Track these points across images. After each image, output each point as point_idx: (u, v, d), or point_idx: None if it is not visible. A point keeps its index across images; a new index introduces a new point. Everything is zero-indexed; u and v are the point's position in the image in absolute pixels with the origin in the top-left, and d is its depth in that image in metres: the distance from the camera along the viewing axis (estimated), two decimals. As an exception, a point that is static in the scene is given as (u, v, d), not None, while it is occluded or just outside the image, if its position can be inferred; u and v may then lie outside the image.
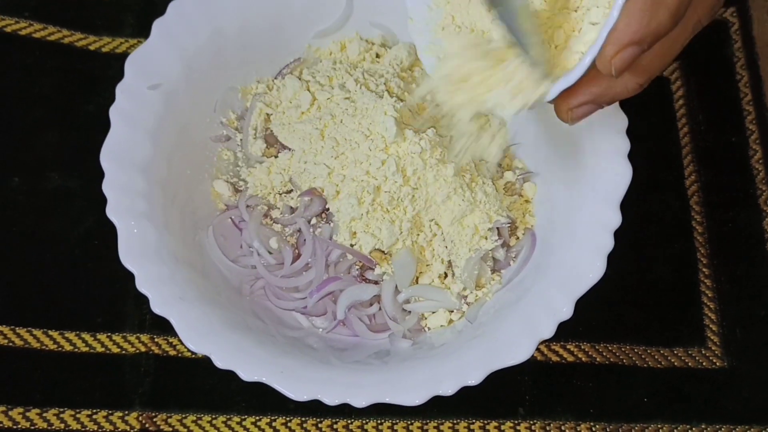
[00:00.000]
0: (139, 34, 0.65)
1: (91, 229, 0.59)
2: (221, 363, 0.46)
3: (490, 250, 0.54)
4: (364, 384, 0.46)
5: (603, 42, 0.38)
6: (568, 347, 0.58)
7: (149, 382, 0.55)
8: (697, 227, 0.62)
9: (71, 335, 0.56)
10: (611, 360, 0.58)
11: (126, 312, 0.57)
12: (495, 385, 0.47)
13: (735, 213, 0.62)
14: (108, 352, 0.56)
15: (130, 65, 0.52)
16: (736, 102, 0.66)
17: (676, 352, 0.58)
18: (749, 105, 0.66)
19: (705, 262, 0.61)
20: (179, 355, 0.56)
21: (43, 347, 0.56)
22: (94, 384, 0.55)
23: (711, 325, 0.59)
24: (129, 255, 0.48)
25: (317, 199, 0.54)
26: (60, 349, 0.56)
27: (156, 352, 0.56)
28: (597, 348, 0.58)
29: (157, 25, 0.54)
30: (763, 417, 0.56)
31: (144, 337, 0.56)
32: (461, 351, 0.48)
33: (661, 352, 0.58)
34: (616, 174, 0.51)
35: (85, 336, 0.56)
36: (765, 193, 0.63)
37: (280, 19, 0.58)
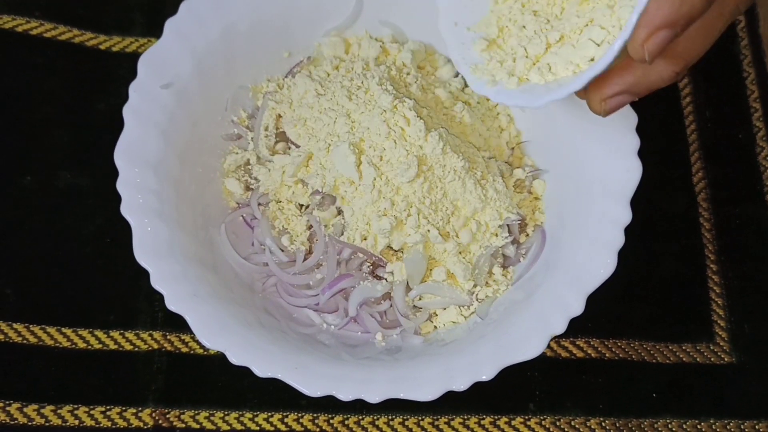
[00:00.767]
0: (149, 33, 0.65)
1: (103, 227, 0.59)
2: (236, 359, 0.47)
3: (500, 246, 0.55)
4: (377, 380, 0.47)
5: (633, 26, 0.37)
6: (577, 343, 0.58)
7: (162, 378, 0.56)
8: (705, 223, 0.62)
9: (84, 332, 0.57)
10: (620, 356, 0.58)
11: (138, 309, 0.57)
12: (505, 381, 0.48)
13: (742, 209, 0.63)
14: (121, 349, 0.56)
15: (142, 64, 0.53)
16: (742, 99, 0.66)
17: (684, 347, 0.59)
18: (756, 102, 0.66)
19: (712, 258, 0.61)
20: (191, 352, 0.57)
21: (57, 344, 0.56)
22: (107, 381, 0.56)
23: (719, 321, 0.59)
24: (143, 252, 0.49)
25: (329, 197, 0.54)
26: (73, 347, 0.56)
27: (168, 349, 0.57)
28: (606, 344, 0.58)
29: (169, 25, 0.54)
30: (772, 411, 0.57)
31: (156, 334, 0.57)
32: (473, 347, 0.49)
33: (670, 347, 0.58)
34: (626, 171, 0.51)
35: (98, 333, 0.57)
36: (772, 190, 0.63)
37: (290, 18, 0.58)
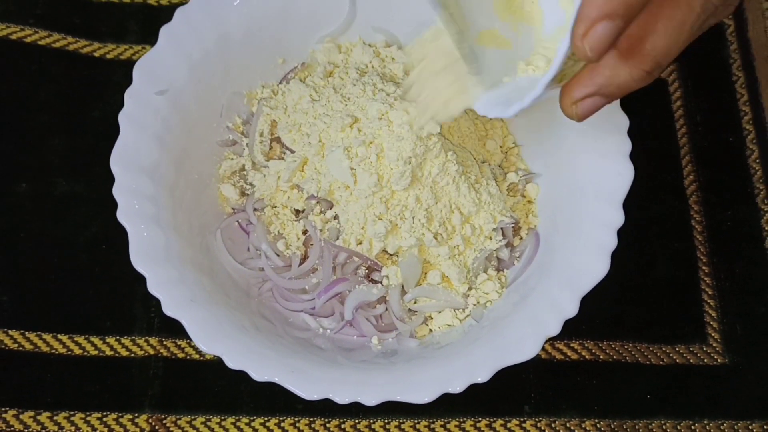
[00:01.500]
0: (144, 40, 0.65)
1: (98, 234, 0.60)
2: (233, 364, 0.47)
3: (494, 250, 0.55)
4: (374, 383, 0.47)
5: (573, 22, 0.35)
6: (572, 345, 0.58)
7: (158, 384, 0.56)
8: (697, 226, 0.63)
9: (80, 339, 0.57)
10: (614, 357, 0.58)
11: (134, 315, 0.57)
12: (501, 384, 0.48)
13: (733, 211, 0.63)
14: (117, 355, 0.56)
15: (138, 71, 0.53)
16: (732, 103, 0.67)
17: (677, 349, 0.59)
18: (746, 105, 0.67)
19: (705, 260, 0.62)
20: (188, 358, 0.57)
21: (53, 351, 0.56)
22: (103, 387, 0.56)
23: (712, 322, 0.60)
24: (140, 258, 0.49)
25: (324, 202, 0.55)
26: (69, 353, 0.56)
27: (164, 354, 0.57)
28: (600, 346, 0.59)
29: (164, 31, 0.54)
30: (765, 412, 0.57)
31: (153, 340, 0.57)
32: (468, 349, 0.49)
33: (663, 349, 0.59)
34: (618, 174, 0.51)
35: (94, 339, 0.57)
36: (762, 192, 0.64)
37: (284, 25, 0.58)
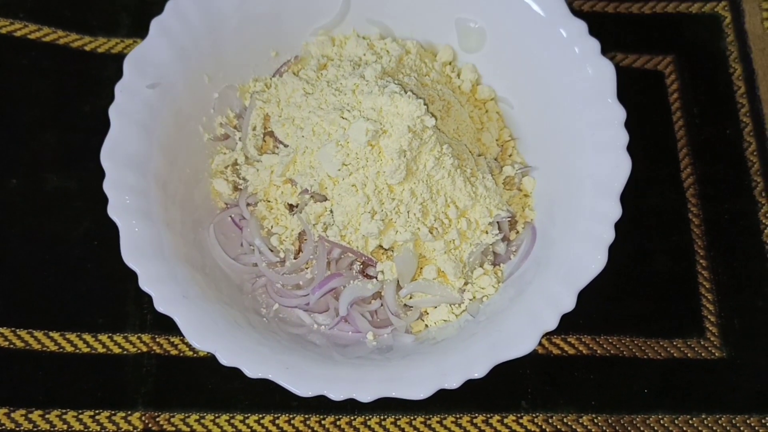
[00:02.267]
0: (135, 34, 0.65)
1: (90, 230, 0.59)
2: (226, 360, 0.46)
3: (490, 244, 0.55)
4: (369, 379, 0.46)
5: None
6: (569, 340, 0.58)
7: (151, 381, 0.55)
8: (694, 219, 0.62)
9: (72, 336, 0.56)
10: (612, 352, 0.58)
11: (127, 312, 0.57)
12: (497, 379, 0.47)
13: (730, 204, 0.63)
14: (110, 352, 0.56)
15: (128, 64, 0.52)
16: (730, 95, 0.66)
17: (675, 343, 0.59)
18: (743, 98, 0.66)
19: (702, 253, 0.61)
20: (181, 355, 0.56)
21: (45, 349, 0.56)
22: (96, 385, 0.55)
23: (709, 316, 0.59)
24: (131, 254, 0.48)
25: (318, 197, 0.54)
26: (61, 351, 0.56)
27: (158, 351, 0.56)
28: (597, 340, 0.58)
29: (155, 24, 0.53)
30: (763, 406, 0.57)
31: (145, 337, 0.56)
32: (465, 345, 0.48)
33: (661, 343, 0.58)
34: (615, 166, 0.51)
35: (87, 337, 0.56)
36: (760, 185, 0.63)
37: (277, 17, 0.58)
